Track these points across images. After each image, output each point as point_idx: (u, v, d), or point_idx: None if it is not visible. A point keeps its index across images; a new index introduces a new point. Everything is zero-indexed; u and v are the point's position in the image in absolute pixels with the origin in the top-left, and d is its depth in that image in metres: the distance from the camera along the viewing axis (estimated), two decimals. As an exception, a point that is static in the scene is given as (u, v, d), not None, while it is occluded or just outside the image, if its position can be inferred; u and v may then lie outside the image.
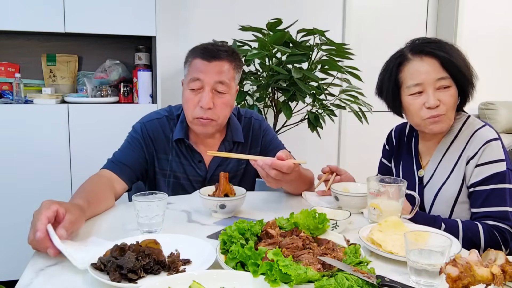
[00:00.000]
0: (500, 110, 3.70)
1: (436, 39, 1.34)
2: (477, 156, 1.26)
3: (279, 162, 1.13)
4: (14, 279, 2.18)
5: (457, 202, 1.30)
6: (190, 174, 1.50)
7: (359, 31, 3.53)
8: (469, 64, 1.31)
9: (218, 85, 1.39)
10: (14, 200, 2.27)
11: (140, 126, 1.49)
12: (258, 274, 0.74)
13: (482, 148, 1.26)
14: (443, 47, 1.28)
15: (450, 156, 1.33)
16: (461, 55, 1.30)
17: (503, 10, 3.87)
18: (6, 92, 2.48)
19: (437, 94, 1.26)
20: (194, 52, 1.43)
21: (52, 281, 0.83)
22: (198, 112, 1.40)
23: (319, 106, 2.69)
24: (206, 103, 1.37)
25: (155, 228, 1.07)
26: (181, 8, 3.00)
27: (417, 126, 1.36)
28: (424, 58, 1.28)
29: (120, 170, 1.40)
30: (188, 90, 1.41)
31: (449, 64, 1.26)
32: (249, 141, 1.56)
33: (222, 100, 1.41)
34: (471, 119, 1.35)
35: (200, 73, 1.38)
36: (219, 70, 1.39)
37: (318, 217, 0.99)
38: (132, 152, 1.46)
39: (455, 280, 0.68)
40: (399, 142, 1.53)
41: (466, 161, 1.28)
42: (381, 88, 1.41)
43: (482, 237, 1.20)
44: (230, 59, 1.42)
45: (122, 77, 2.61)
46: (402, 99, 1.34)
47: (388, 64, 1.38)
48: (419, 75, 1.28)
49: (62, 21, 2.27)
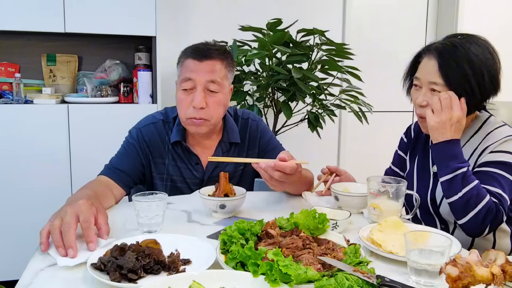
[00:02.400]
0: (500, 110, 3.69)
1: (464, 34, 1.32)
2: (494, 145, 1.25)
3: (282, 163, 1.13)
4: (14, 279, 2.18)
5: None
6: (187, 176, 1.50)
7: (359, 31, 3.52)
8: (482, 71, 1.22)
9: (210, 84, 1.38)
10: (14, 200, 2.27)
11: (136, 132, 1.49)
12: (258, 274, 0.74)
13: (501, 140, 1.24)
14: (446, 48, 1.25)
15: (466, 152, 1.31)
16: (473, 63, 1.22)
17: (503, 10, 3.87)
18: (6, 92, 2.48)
19: (428, 94, 1.27)
20: (185, 52, 1.43)
21: (52, 281, 0.83)
22: (191, 113, 1.39)
23: (319, 106, 2.69)
24: (198, 103, 1.37)
25: (155, 228, 1.07)
26: (181, 8, 2.99)
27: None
28: (430, 56, 1.28)
29: (117, 176, 1.40)
30: (180, 91, 1.41)
31: (444, 69, 1.23)
32: (247, 142, 1.56)
33: (215, 99, 1.40)
34: (491, 118, 1.35)
35: (191, 72, 1.38)
36: (211, 69, 1.38)
37: (318, 217, 0.99)
38: (128, 158, 1.45)
39: (455, 280, 0.68)
40: (417, 136, 1.52)
41: (481, 150, 1.27)
42: (404, 81, 1.43)
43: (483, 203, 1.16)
44: (222, 57, 1.41)
45: (122, 77, 2.61)
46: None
47: (412, 58, 1.39)
48: (420, 70, 1.30)
49: (62, 21, 2.28)
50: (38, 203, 2.29)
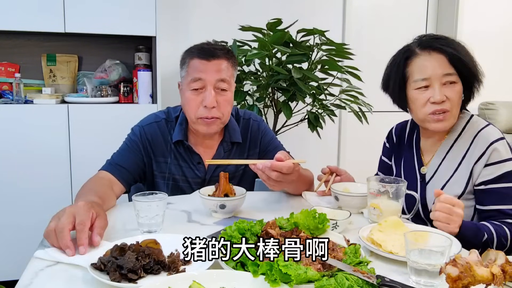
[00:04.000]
0: (500, 110, 3.70)
1: (444, 36, 1.34)
2: (484, 156, 1.26)
3: (279, 163, 1.13)
4: (14, 279, 2.18)
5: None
6: (189, 176, 1.50)
7: (359, 31, 3.52)
8: (476, 62, 1.31)
9: (220, 83, 1.40)
10: (14, 200, 2.27)
11: (139, 130, 1.49)
12: (258, 274, 0.74)
13: (489, 149, 1.26)
14: (451, 44, 1.29)
15: (454, 155, 1.33)
16: (468, 52, 1.30)
17: (503, 10, 3.87)
18: (6, 92, 2.48)
19: (443, 89, 1.27)
20: (190, 53, 1.43)
21: (52, 281, 0.83)
22: (202, 112, 1.40)
23: (319, 106, 2.69)
24: (210, 102, 1.38)
25: (155, 228, 1.07)
26: (181, 8, 2.99)
27: (421, 122, 1.36)
28: (432, 53, 1.29)
29: (118, 172, 1.40)
30: (189, 91, 1.41)
31: (456, 60, 1.27)
32: (248, 142, 1.56)
33: (225, 97, 1.42)
34: (474, 118, 1.36)
35: (200, 72, 1.39)
36: (219, 68, 1.40)
37: (318, 217, 0.99)
38: (130, 155, 1.46)
39: (455, 280, 0.68)
40: (400, 140, 1.53)
41: (473, 161, 1.28)
42: (387, 82, 1.42)
43: (509, 238, 1.19)
44: (227, 56, 1.43)
45: (122, 77, 2.61)
46: (408, 94, 1.35)
47: (395, 58, 1.38)
48: (426, 69, 1.29)
49: (62, 21, 2.27)
50: (38, 203, 2.29)
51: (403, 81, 1.35)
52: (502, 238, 1.19)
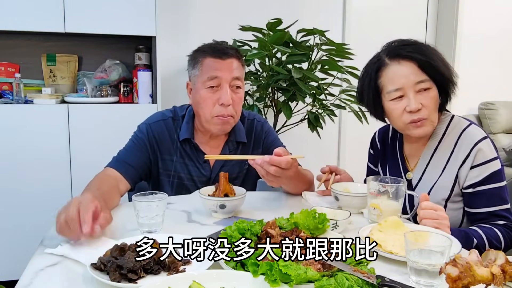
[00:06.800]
0: (500, 110, 3.70)
1: (412, 41, 1.31)
2: (470, 158, 1.25)
3: (277, 158, 1.14)
4: (14, 279, 2.18)
5: (447, 204, 1.30)
6: (195, 174, 1.50)
7: (359, 31, 3.52)
8: (448, 63, 1.29)
9: (235, 81, 1.42)
10: (14, 200, 2.27)
11: (146, 127, 1.50)
12: (258, 274, 0.74)
13: (473, 150, 1.25)
14: (419, 49, 1.26)
15: (439, 158, 1.32)
16: (438, 55, 1.28)
17: (503, 10, 3.87)
18: (6, 92, 2.48)
19: (418, 97, 1.25)
20: (203, 52, 1.44)
21: (52, 281, 0.83)
22: (218, 110, 1.41)
23: (319, 106, 2.69)
24: (227, 100, 1.40)
25: (155, 228, 1.07)
26: (181, 8, 2.99)
27: (401, 130, 1.35)
28: (401, 62, 1.26)
29: (125, 169, 1.40)
30: (204, 89, 1.42)
31: (427, 66, 1.24)
32: (252, 142, 1.58)
33: (239, 95, 1.45)
34: (455, 119, 1.35)
35: (216, 71, 1.40)
36: (233, 66, 1.42)
37: (318, 217, 0.99)
38: (137, 152, 1.46)
39: (455, 280, 0.68)
40: (384, 145, 1.51)
41: (458, 164, 1.27)
42: (361, 95, 1.40)
43: (502, 240, 1.20)
44: (238, 56, 1.45)
45: (122, 77, 2.61)
46: (384, 105, 1.32)
47: (366, 70, 1.36)
48: (399, 79, 1.26)
49: (62, 21, 2.27)
50: (37, 203, 2.29)
51: (377, 93, 1.33)
52: (494, 241, 1.18)
